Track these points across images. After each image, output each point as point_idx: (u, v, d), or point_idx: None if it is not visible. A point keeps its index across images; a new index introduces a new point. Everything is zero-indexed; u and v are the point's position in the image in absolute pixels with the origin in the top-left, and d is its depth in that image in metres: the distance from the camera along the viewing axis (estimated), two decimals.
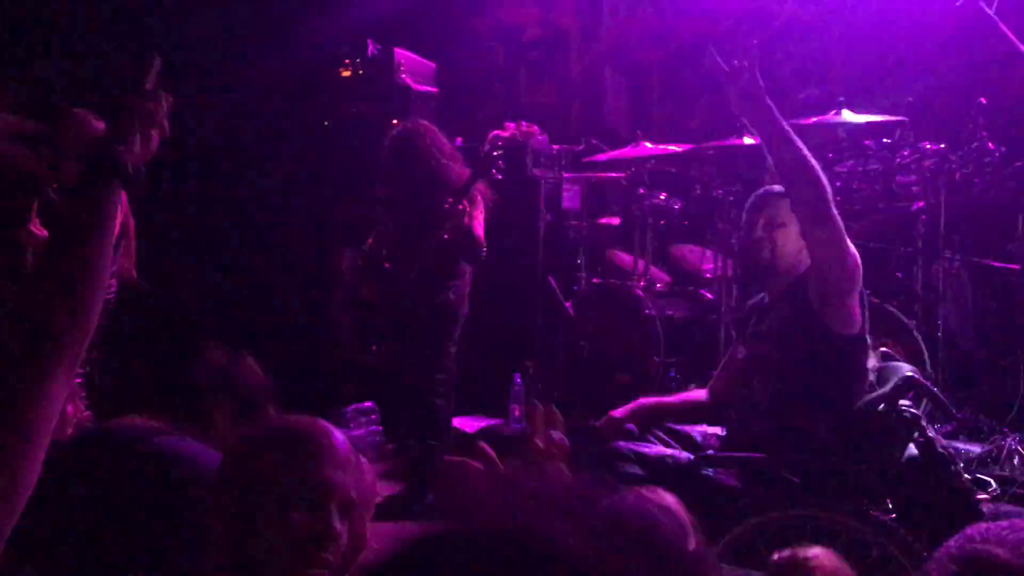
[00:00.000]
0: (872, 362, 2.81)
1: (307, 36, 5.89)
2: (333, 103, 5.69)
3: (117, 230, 3.89)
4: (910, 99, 4.58)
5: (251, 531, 1.30)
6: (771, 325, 2.91)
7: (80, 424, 1.94)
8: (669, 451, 2.86)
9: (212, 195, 5.93)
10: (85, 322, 1.31)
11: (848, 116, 4.39)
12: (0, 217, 1.76)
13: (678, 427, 3.04)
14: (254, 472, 1.33)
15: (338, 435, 1.39)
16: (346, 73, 5.65)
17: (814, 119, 4.64)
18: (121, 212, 3.94)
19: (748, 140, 4.87)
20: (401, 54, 5.58)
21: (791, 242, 2.88)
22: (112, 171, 1.39)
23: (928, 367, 3.92)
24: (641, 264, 4.79)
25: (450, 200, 3.94)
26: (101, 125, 3.80)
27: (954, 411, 3.94)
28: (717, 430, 3.00)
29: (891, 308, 4.10)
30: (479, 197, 4.20)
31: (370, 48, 5.56)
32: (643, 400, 3.15)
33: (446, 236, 4.00)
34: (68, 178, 1.63)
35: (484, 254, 4.15)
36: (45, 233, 1.78)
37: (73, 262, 1.33)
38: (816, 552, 1.43)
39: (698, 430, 3.00)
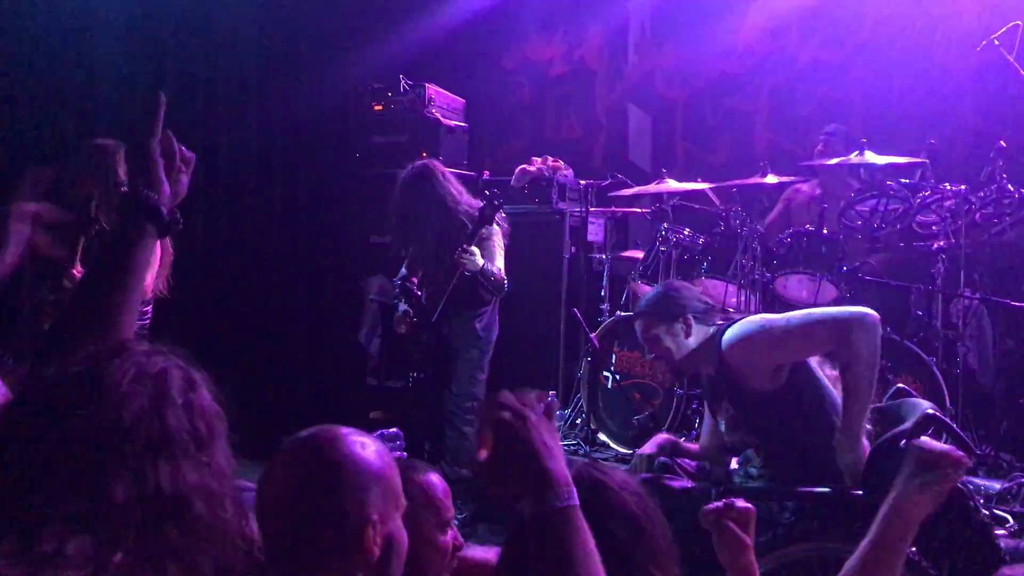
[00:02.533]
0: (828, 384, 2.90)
1: (343, 72, 6.06)
2: (365, 135, 5.85)
3: (157, 255, 4.01)
4: (931, 141, 4.66)
5: (296, 560, 1.34)
6: (726, 407, 3.01)
7: None
8: (691, 485, 2.93)
9: (245, 222, 6.08)
10: None
11: (871, 157, 4.49)
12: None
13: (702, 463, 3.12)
14: (287, 506, 1.36)
15: (355, 449, 1.39)
16: (378, 107, 5.81)
17: (837, 160, 4.75)
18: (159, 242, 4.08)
19: (771, 179, 4.98)
20: (432, 90, 5.74)
21: (669, 348, 3.03)
22: (147, 216, 1.40)
23: (948, 404, 3.97)
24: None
25: (460, 249, 4.03)
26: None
27: (974, 448, 3.99)
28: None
29: (911, 345, 4.17)
30: (497, 229, 4.30)
31: (402, 83, 5.72)
32: (663, 435, 3.26)
33: (466, 273, 4.08)
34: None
35: (506, 288, 4.24)
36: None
37: (103, 305, 1.33)
38: None
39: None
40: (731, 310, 3.31)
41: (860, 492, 2.69)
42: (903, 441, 2.72)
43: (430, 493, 1.83)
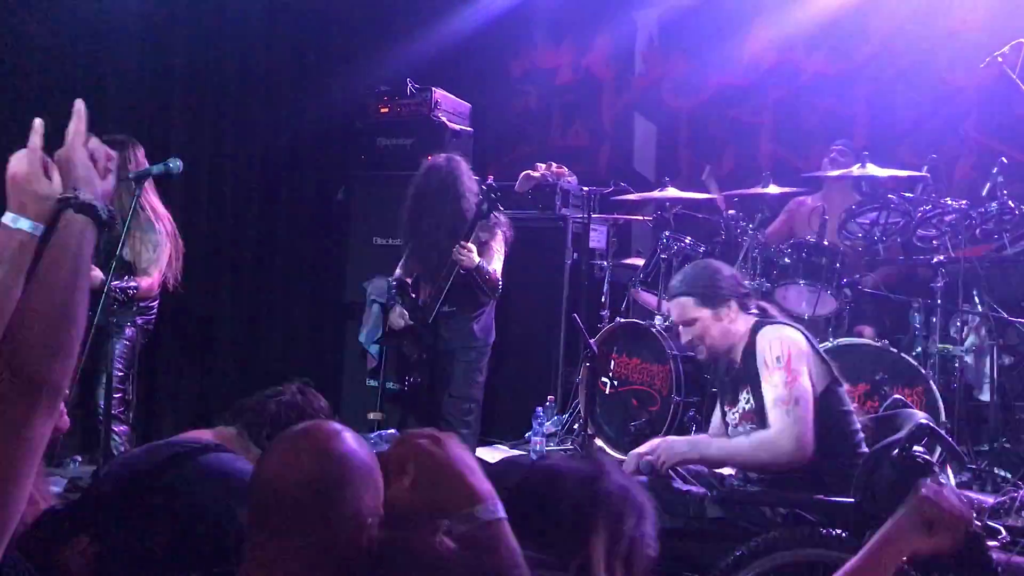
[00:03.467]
0: (855, 408, 2.92)
1: (351, 75, 6.11)
2: (371, 137, 5.89)
3: (167, 248, 4.03)
4: (933, 156, 4.69)
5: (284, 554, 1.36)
6: (747, 396, 2.98)
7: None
8: (687, 487, 2.95)
9: (250, 222, 6.11)
10: (66, 361, 1.33)
11: (872, 170, 4.52)
12: None
13: (696, 467, 3.13)
14: (284, 505, 1.36)
15: (349, 445, 1.40)
16: (385, 110, 5.84)
17: (839, 172, 4.78)
18: (170, 238, 4.11)
19: (773, 189, 5.01)
20: (438, 94, 5.77)
21: (707, 330, 2.98)
22: (83, 212, 1.43)
23: (943, 417, 3.99)
24: (664, 304, 4.90)
25: (457, 245, 4.06)
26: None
27: (967, 460, 4.01)
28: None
29: (909, 359, 4.18)
30: (500, 234, 4.33)
31: (409, 86, 5.76)
32: (663, 439, 3.26)
33: (462, 271, 4.12)
34: None
35: (500, 289, 4.26)
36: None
37: (54, 305, 1.34)
38: None
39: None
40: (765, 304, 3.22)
41: (853, 500, 2.72)
42: (896, 451, 2.75)
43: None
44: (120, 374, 4.01)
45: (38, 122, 1.54)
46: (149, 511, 1.82)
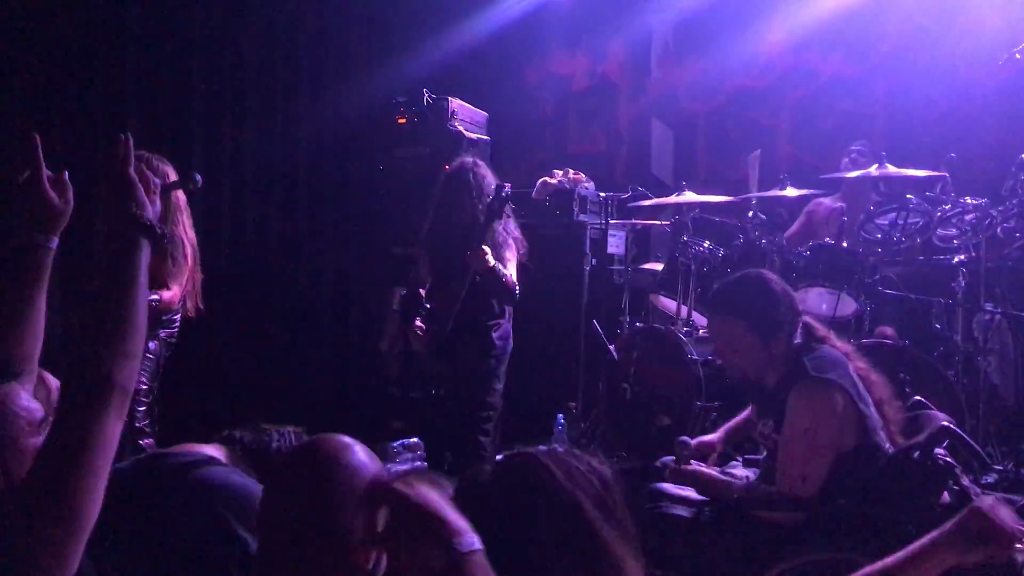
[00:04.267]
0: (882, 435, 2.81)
1: (368, 85, 6.16)
2: (389, 148, 5.93)
3: (188, 266, 4.06)
4: (951, 155, 4.66)
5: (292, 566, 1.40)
6: (772, 425, 2.86)
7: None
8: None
9: (270, 232, 6.17)
10: (132, 364, 1.47)
11: (891, 170, 4.49)
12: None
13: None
14: (286, 519, 1.40)
15: (359, 458, 1.43)
16: (402, 120, 5.88)
17: (857, 173, 4.76)
18: (191, 251, 4.15)
19: (790, 191, 5.00)
20: (455, 103, 5.80)
21: (750, 357, 2.80)
22: (141, 232, 1.57)
23: (967, 419, 3.95)
24: (684, 309, 4.90)
25: (471, 248, 4.07)
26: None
27: (992, 461, 3.97)
28: (750, 473, 3.08)
29: (931, 359, 4.15)
30: (512, 242, 4.33)
31: (426, 97, 5.79)
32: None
33: (477, 278, 4.12)
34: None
35: (517, 295, 4.26)
36: None
37: (118, 313, 1.49)
38: None
39: (738, 473, 3.09)
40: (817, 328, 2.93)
41: (873, 505, 2.70)
42: (916, 453, 2.74)
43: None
44: (144, 387, 4.05)
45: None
46: (147, 529, 1.82)
